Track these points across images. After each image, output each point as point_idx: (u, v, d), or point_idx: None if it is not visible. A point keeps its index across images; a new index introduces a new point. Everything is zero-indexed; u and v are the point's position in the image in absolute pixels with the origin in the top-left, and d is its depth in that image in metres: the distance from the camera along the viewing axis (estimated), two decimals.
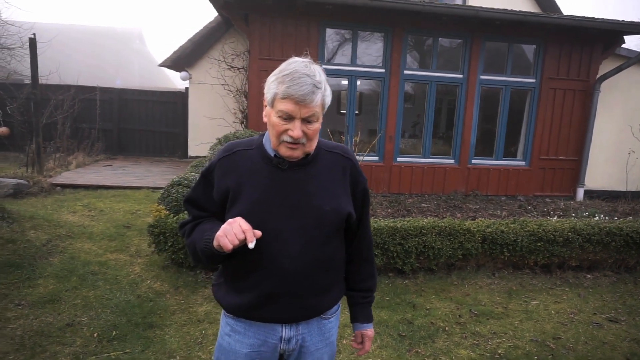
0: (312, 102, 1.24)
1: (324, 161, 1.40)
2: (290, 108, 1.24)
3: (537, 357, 2.98)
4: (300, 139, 1.27)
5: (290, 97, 1.23)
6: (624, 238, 4.39)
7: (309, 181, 1.35)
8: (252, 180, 1.34)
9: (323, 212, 1.34)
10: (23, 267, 3.73)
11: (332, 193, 1.38)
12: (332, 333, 1.51)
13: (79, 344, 2.81)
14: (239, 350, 1.41)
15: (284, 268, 1.31)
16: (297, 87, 1.22)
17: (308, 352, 1.44)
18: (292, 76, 1.24)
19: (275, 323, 1.39)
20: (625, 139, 7.81)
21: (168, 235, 3.78)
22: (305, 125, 1.27)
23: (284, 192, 1.33)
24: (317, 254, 1.36)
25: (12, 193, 6.03)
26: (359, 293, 1.55)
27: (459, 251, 4.17)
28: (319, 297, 1.41)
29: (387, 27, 6.73)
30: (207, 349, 2.86)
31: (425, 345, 3.06)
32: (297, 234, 1.32)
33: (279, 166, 1.34)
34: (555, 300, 3.91)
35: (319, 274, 1.38)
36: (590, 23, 6.62)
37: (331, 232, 1.38)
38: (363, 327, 1.56)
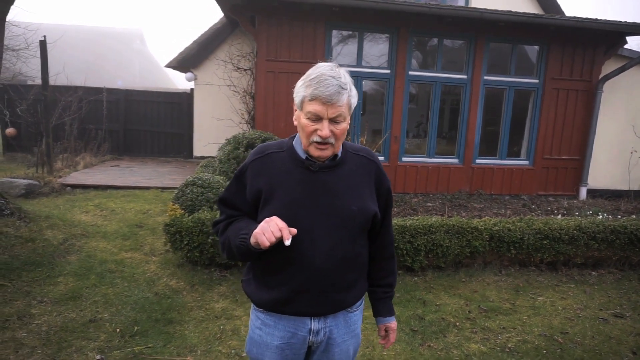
0: (338, 102, 1.31)
1: (350, 163, 1.46)
2: (318, 109, 1.31)
3: (546, 351, 3.07)
4: (329, 139, 1.34)
5: (317, 98, 1.31)
6: (628, 236, 4.48)
7: (337, 182, 1.42)
8: (283, 181, 1.40)
9: (351, 212, 1.41)
10: (43, 265, 3.83)
11: (359, 194, 1.45)
12: (357, 325, 1.58)
13: (102, 339, 2.90)
14: (270, 343, 1.47)
15: (314, 265, 1.38)
16: (324, 89, 1.30)
17: (335, 344, 1.50)
18: (318, 79, 1.31)
19: (304, 316, 1.45)
20: (628, 138, 7.90)
21: (184, 234, 3.87)
22: (332, 125, 1.34)
23: (314, 193, 1.39)
24: (345, 252, 1.42)
25: (24, 193, 6.13)
26: (381, 289, 1.62)
27: (466, 249, 4.27)
28: (346, 293, 1.48)
29: (392, 29, 6.82)
30: (227, 344, 2.95)
31: (437, 339, 3.15)
32: (326, 233, 1.39)
33: (310, 168, 1.40)
34: (561, 296, 4.01)
35: (346, 270, 1.45)
36: (592, 24, 6.70)
37: (358, 231, 1.45)
38: (386, 321, 1.63)
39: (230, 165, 5.28)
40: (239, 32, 8.71)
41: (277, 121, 6.72)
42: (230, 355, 2.83)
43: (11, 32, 10.47)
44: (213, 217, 3.90)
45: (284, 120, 6.74)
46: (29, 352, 2.70)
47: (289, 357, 1.49)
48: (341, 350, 1.53)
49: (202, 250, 3.92)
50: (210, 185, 4.32)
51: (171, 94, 10.89)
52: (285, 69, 6.64)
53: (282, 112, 6.72)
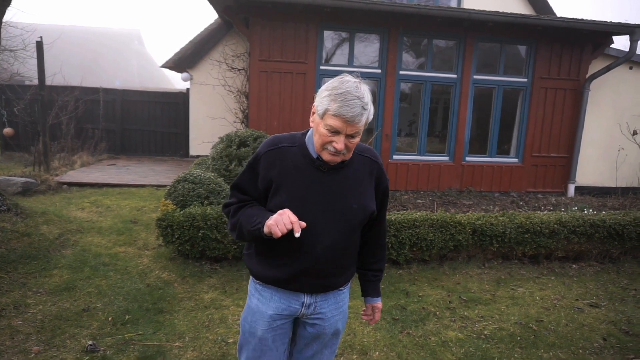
0: (359, 123, 1.42)
1: (356, 164, 1.60)
2: (338, 125, 1.41)
3: (520, 337, 3.21)
4: (343, 151, 1.47)
5: (340, 116, 1.40)
6: (607, 230, 4.62)
7: (342, 182, 1.56)
8: (294, 176, 1.53)
9: (352, 210, 1.56)
10: (38, 258, 3.96)
11: (360, 193, 1.59)
12: (345, 302, 1.75)
13: (95, 327, 3.03)
14: (264, 312, 1.63)
15: (315, 254, 1.54)
16: (349, 109, 1.39)
17: (325, 318, 1.67)
18: (344, 97, 1.40)
19: (299, 292, 1.62)
20: (615, 136, 8.04)
21: (175, 228, 4.00)
22: (348, 140, 1.45)
23: (321, 191, 1.53)
24: (344, 243, 1.59)
25: (21, 191, 6.25)
26: (372, 272, 1.80)
27: (450, 242, 4.40)
28: (339, 276, 1.65)
29: (383, 29, 6.96)
30: (214, 331, 3.08)
31: (417, 327, 3.28)
32: (328, 227, 1.54)
33: (320, 168, 1.53)
34: (540, 287, 4.14)
35: (342, 258, 1.62)
36: (579, 24, 6.85)
37: (356, 226, 1.61)
38: (374, 301, 1.81)
39: (222, 163, 5.41)
40: (233, 32, 8.85)
41: (270, 120, 6.86)
42: (217, 341, 2.96)
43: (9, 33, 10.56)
44: (204, 212, 4.04)
45: (276, 118, 6.87)
46: (24, 339, 2.83)
47: (277, 325, 1.64)
48: (330, 324, 1.69)
49: (193, 244, 4.05)
50: (201, 182, 4.45)
51: (167, 94, 11.01)
52: (278, 68, 6.77)
53: (275, 111, 6.86)
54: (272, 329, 1.63)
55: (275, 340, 1.65)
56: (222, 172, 5.29)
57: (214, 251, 4.08)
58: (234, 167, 5.32)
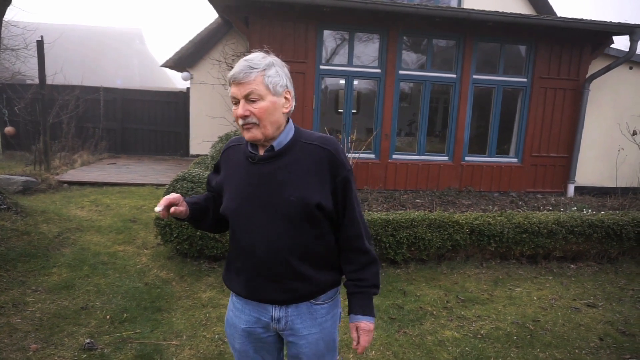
0: (246, 79, 1.36)
1: (297, 153, 1.44)
2: (233, 90, 1.39)
3: (516, 337, 3.22)
4: (250, 118, 1.37)
5: (232, 81, 1.39)
6: (605, 230, 4.62)
7: (277, 173, 1.43)
8: (234, 174, 1.51)
9: (289, 203, 1.40)
10: (38, 257, 3.98)
11: (300, 184, 1.41)
12: (326, 319, 1.54)
13: (93, 325, 3.05)
14: (237, 325, 1.56)
15: (257, 255, 1.44)
16: (234, 70, 1.39)
17: (300, 335, 1.51)
18: (235, 65, 1.42)
19: (266, 303, 1.50)
20: (615, 136, 8.03)
21: (173, 227, 4.02)
22: (249, 105, 1.37)
23: (253, 185, 1.44)
24: (289, 242, 1.43)
25: (21, 190, 6.27)
26: (351, 282, 1.54)
27: (448, 242, 4.41)
28: (300, 283, 1.46)
29: (382, 29, 6.96)
30: (211, 330, 3.10)
31: (414, 326, 3.29)
32: (265, 224, 1.43)
33: (250, 159, 1.47)
34: (538, 287, 4.15)
35: (295, 261, 1.44)
36: (579, 24, 6.84)
37: (301, 222, 1.42)
38: (356, 319, 1.51)
39: None
40: (233, 32, 8.86)
41: None
42: (214, 340, 2.97)
43: (10, 32, 10.61)
44: None
45: None
46: (23, 336, 2.85)
47: (256, 343, 1.55)
48: (308, 342, 1.52)
49: (192, 243, 4.06)
50: (199, 181, 4.46)
51: (168, 93, 11.04)
52: None
53: None
54: (250, 342, 1.55)
55: (259, 350, 1.58)
56: None
57: (212, 250, 4.09)
58: None
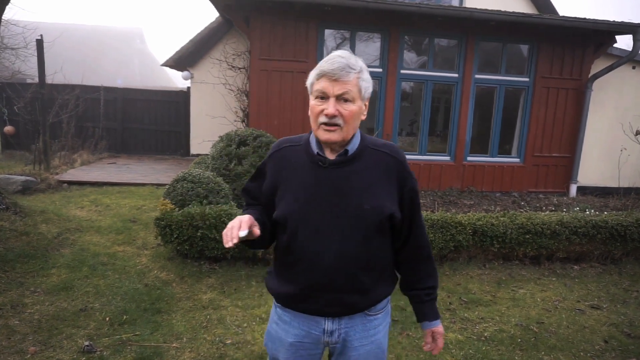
0: (344, 78, 1.28)
1: (368, 159, 1.39)
2: (324, 85, 1.29)
3: (520, 339, 3.18)
4: (336, 119, 1.29)
5: (324, 75, 1.29)
6: (609, 231, 4.58)
7: (349, 179, 1.36)
8: (296, 177, 1.39)
9: (362, 211, 1.34)
10: (37, 257, 3.94)
11: (373, 192, 1.37)
12: (378, 331, 1.49)
13: (92, 327, 3.01)
14: (284, 339, 1.46)
15: (322, 264, 1.35)
16: (329, 64, 1.29)
17: (352, 347, 1.45)
18: (327, 59, 1.33)
19: (318, 315, 1.42)
20: (617, 136, 7.99)
21: (174, 228, 3.98)
22: (340, 104, 1.30)
23: (323, 190, 1.35)
24: (357, 252, 1.37)
25: (21, 189, 6.24)
26: (422, 291, 1.51)
27: (450, 243, 4.37)
28: (360, 295, 1.41)
29: (383, 28, 6.92)
30: (212, 332, 3.06)
31: (416, 329, 3.25)
32: (335, 232, 1.34)
33: (319, 164, 1.36)
34: (542, 289, 4.11)
35: (359, 272, 1.39)
36: (581, 24, 6.80)
37: (372, 232, 1.38)
38: (432, 325, 1.52)
39: (222, 162, 5.38)
40: (234, 31, 8.81)
41: (270, 119, 6.83)
42: (215, 342, 2.94)
43: (10, 31, 10.57)
44: (202, 212, 4.01)
45: (277, 117, 6.84)
46: (21, 339, 2.81)
47: (302, 354, 1.46)
48: (359, 354, 1.46)
49: (192, 244, 4.03)
50: (200, 181, 4.43)
51: (168, 93, 11.00)
52: (278, 67, 6.75)
53: (275, 109, 6.83)
54: (296, 357, 1.46)
55: None
56: (221, 171, 5.27)
57: (212, 251, 4.05)
58: (234, 166, 5.30)
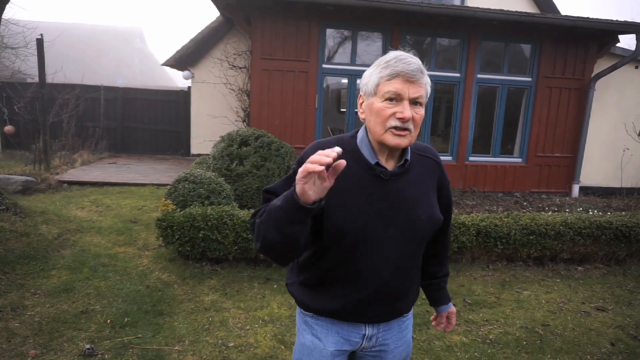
0: (420, 80, 1.21)
1: (417, 166, 1.36)
2: (398, 87, 1.19)
3: (526, 342, 3.15)
4: (408, 124, 1.21)
5: (399, 75, 1.19)
6: (613, 231, 4.55)
7: (407, 190, 1.31)
8: (349, 188, 1.26)
9: (420, 222, 1.32)
10: (37, 259, 3.91)
11: (427, 201, 1.35)
12: (409, 330, 1.53)
13: (93, 330, 2.98)
14: (324, 349, 1.40)
15: (382, 279, 1.32)
16: (406, 65, 1.19)
17: (388, 350, 1.46)
18: (397, 58, 1.21)
19: (359, 323, 1.40)
20: (620, 136, 7.96)
21: (175, 229, 3.95)
22: (413, 108, 1.22)
23: (383, 203, 1.29)
24: (410, 262, 1.38)
25: (21, 190, 6.20)
26: (441, 279, 1.60)
27: (454, 244, 4.33)
28: (403, 301, 1.43)
29: (385, 27, 6.88)
30: (214, 334, 3.03)
31: (421, 331, 3.22)
32: (395, 246, 1.31)
33: (381, 175, 1.29)
34: (546, 290, 4.08)
35: (407, 280, 1.40)
36: (584, 23, 6.76)
37: (424, 241, 1.39)
38: (449, 307, 1.62)
39: (223, 162, 5.35)
40: (235, 30, 8.78)
41: (272, 119, 6.79)
42: (217, 345, 2.90)
43: (10, 31, 10.55)
44: (204, 213, 3.98)
45: (278, 118, 6.81)
46: (21, 342, 2.78)
47: None
48: (394, 356, 1.47)
49: (194, 245, 3.99)
50: (201, 181, 4.39)
51: (169, 92, 10.97)
52: (279, 67, 6.71)
53: (277, 110, 6.79)
54: None
55: None
56: (223, 172, 5.24)
57: (214, 252, 4.02)
58: (235, 167, 5.26)
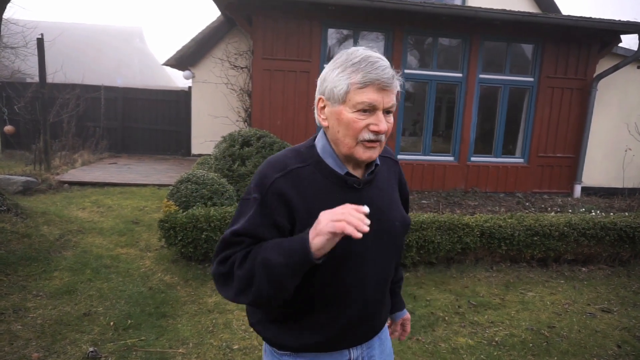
0: (394, 87, 1.10)
1: (383, 170, 1.28)
2: (373, 97, 1.07)
3: (532, 344, 3.13)
4: (381, 135, 1.11)
5: (373, 84, 1.06)
6: (617, 232, 4.53)
7: (379, 197, 1.22)
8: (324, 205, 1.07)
9: (395, 229, 1.24)
10: (39, 260, 3.88)
11: (397, 205, 1.28)
12: (388, 339, 1.44)
13: (96, 332, 2.96)
14: None
15: (365, 294, 1.21)
16: (380, 72, 1.06)
17: None
18: (367, 61, 1.08)
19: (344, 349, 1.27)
20: (622, 136, 7.94)
21: (178, 230, 3.92)
22: (385, 117, 1.11)
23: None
24: (388, 273, 1.28)
25: (21, 190, 6.18)
26: (395, 285, 1.49)
27: (458, 245, 4.32)
28: (383, 314, 1.35)
29: (387, 27, 6.86)
30: (218, 337, 3.00)
31: (426, 333, 3.20)
32: (377, 258, 1.21)
33: (354, 186, 1.17)
34: (550, 292, 4.06)
35: (385, 293, 1.31)
36: (587, 23, 6.74)
37: (401, 248, 1.33)
38: (404, 313, 1.53)
39: (225, 163, 5.32)
40: (236, 30, 8.75)
41: (273, 119, 6.77)
42: (222, 347, 2.88)
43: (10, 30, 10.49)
44: (207, 214, 3.95)
45: (280, 118, 6.78)
46: (24, 344, 2.76)
47: None
48: None
49: (196, 246, 3.97)
50: (204, 182, 4.37)
51: (169, 92, 10.94)
52: (281, 67, 6.68)
53: (279, 110, 6.77)
54: None
55: None
56: (225, 172, 5.21)
57: None
58: (237, 167, 5.24)
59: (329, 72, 1.14)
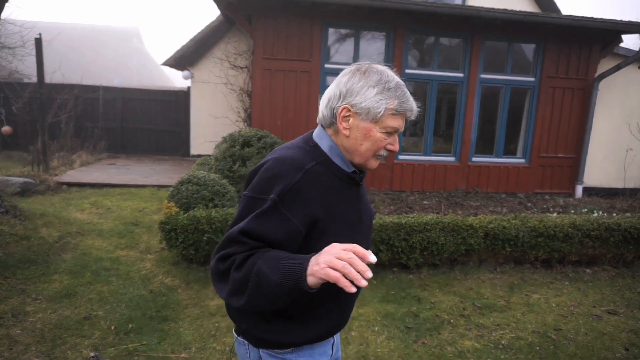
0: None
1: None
2: (400, 123, 1.22)
3: (539, 347, 3.09)
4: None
5: (403, 113, 1.21)
6: (622, 233, 4.50)
7: (364, 192, 1.37)
8: (338, 203, 1.19)
9: (372, 219, 1.38)
10: (38, 263, 3.82)
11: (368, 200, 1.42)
12: None
13: (97, 336, 2.90)
14: None
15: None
16: (411, 103, 1.22)
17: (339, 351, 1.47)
18: (401, 90, 1.20)
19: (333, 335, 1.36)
20: (624, 136, 7.92)
21: (179, 232, 3.87)
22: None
23: (360, 211, 1.29)
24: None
25: (19, 191, 6.11)
26: None
27: (461, 246, 4.28)
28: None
29: (388, 27, 6.82)
30: (221, 341, 2.96)
31: (431, 336, 3.16)
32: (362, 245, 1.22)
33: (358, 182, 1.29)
34: (555, 293, 4.02)
35: None
36: (588, 23, 6.72)
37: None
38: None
39: (226, 163, 5.27)
40: (235, 30, 8.70)
41: (274, 119, 6.72)
42: (225, 352, 2.83)
43: (7, 30, 10.42)
44: (208, 215, 3.90)
45: (280, 118, 6.74)
46: (23, 349, 2.70)
47: None
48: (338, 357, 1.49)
49: (197, 248, 3.92)
50: (205, 183, 4.32)
51: (168, 92, 10.87)
52: (281, 67, 6.63)
53: (279, 110, 6.72)
54: None
55: None
56: (225, 173, 5.16)
57: None
58: (238, 168, 5.19)
59: (363, 89, 1.18)
